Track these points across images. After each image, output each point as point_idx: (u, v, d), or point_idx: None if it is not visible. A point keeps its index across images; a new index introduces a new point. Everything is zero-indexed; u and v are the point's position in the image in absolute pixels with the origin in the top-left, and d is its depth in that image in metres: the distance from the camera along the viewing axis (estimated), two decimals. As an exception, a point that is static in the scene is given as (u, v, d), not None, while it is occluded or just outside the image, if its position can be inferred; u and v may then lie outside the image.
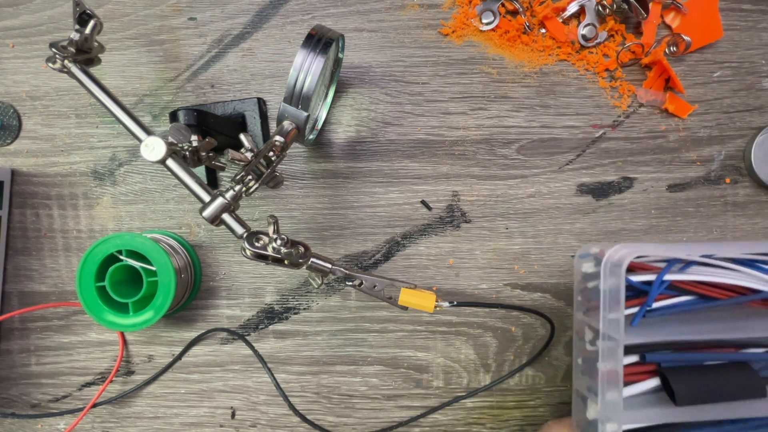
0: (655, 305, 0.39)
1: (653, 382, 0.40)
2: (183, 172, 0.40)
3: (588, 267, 0.42)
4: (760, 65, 0.50)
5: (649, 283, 0.39)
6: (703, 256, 0.39)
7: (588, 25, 0.50)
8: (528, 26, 0.50)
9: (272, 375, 0.50)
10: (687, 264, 0.39)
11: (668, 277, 0.39)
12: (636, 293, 0.40)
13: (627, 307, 0.38)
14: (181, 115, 0.45)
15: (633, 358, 0.40)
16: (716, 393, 0.38)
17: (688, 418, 0.38)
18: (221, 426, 0.51)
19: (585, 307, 0.43)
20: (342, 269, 0.41)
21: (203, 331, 0.51)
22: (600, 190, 0.51)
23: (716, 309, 0.41)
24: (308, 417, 0.50)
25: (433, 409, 0.50)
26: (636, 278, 0.39)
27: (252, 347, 0.51)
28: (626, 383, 0.39)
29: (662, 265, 0.40)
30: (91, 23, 0.43)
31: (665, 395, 0.39)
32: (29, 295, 0.52)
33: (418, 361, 0.51)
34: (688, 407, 0.38)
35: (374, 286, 0.41)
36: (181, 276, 0.47)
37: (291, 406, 0.50)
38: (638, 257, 0.40)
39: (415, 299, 0.41)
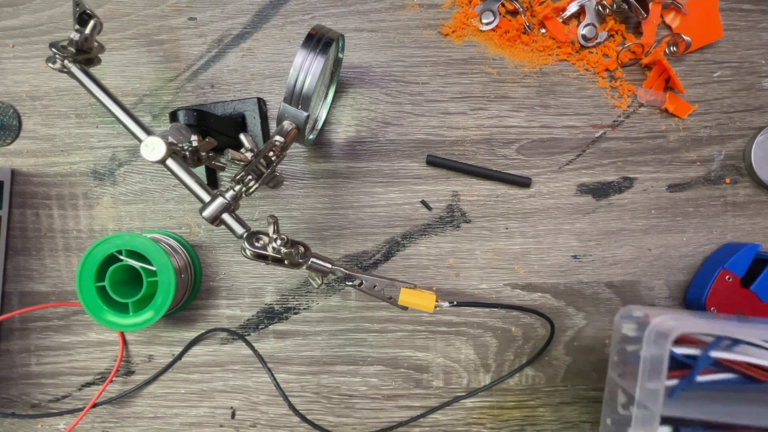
0: (697, 379, 0.38)
1: None
2: (183, 172, 0.40)
3: (629, 329, 0.40)
4: (760, 65, 0.50)
5: (693, 357, 0.37)
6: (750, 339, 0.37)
7: (588, 25, 0.50)
8: (528, 26, 0.50)
9: (272, 375, 0.50)
10: (735, 342, 0.38)
11: (714, 353, 0.37)
12: (677, 364, 0.38)
13: (668, 378, 0.36)
14: (181, 115, 0.45)
15: (666, 430, 0.38)
16: None
17: None
18: (221, 426, 0.51)
19: (621, 369, 0.41)
20: (342, 269, 0.41)
21: (203, 331, 0.51)
22: (600, 190, 0.51)
23: (760, 392, 0.39)
24: (308, 417, 0.50)
25: (433, 409, 0.50)
26: (680, 350, 0.37)
27: (252, 347, 0.51)
28: None
29: (707, 338, 0.38)
30: (91, 23, 0.43)
31: None
32: (29, 295, 0.52)
33: (418, 361, 0.51)
34: None
35: (374, 286, 0.41)
36: (181, 276, 0.47)
37: (291, 406, 0.50)
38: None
39: (415, 299, 0.41)
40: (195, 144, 0.41)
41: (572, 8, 0.50)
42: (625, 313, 0.42)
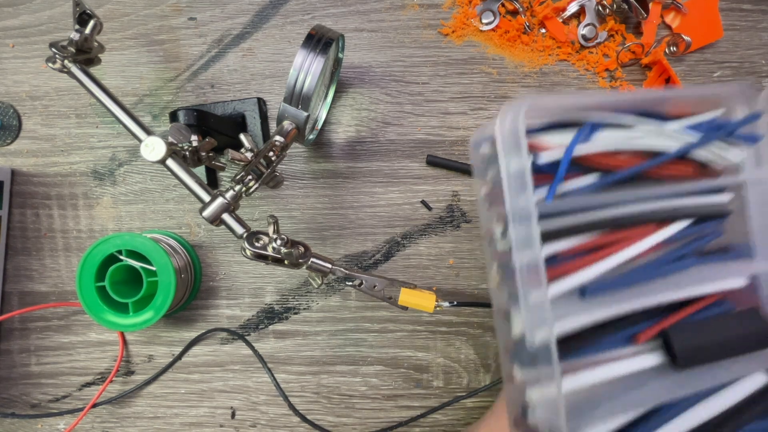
0: (563, 188, 0.32)
1: (583, 276, 0.32)
2: (183, 172, 0.40)
3: (486, 149, 0.34)
4: (760, 65, 0.50)
5: (555, 164, 0.32)
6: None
7: (588, 25, 0.50)
8: (528, 26, 0.50)
9: (272, 375, 0.50)
10: (590, 129, 0.32)
11: (578, 149, 0.32)
12: (542, 173, 0.32)
13: (535, 188, 0.30)
14: (181, 115, 0.45)
15: (551, 248, 0.33)
16: (722, 347, 0.32)
17: (630, 307, 0.32)
18: (221, 426, 0.51)
19: (488, 201, 0.35)
20: (342, 269, 0.41)
21: (203, 331, 0.51)
22: (600, 190, 0.50)
23: (629, 186, 0.34)
24: (308, 417, 0.50)
25: (434, 409, 0.50)
26: (542, 159, 0.32)
27: (252, 347, 0.51)
28: (552, 280, 0.32)
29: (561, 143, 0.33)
30: (91, 23, 0.43)
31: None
32: (29, 295, 0.52)
33: (418, 361, 0.51)
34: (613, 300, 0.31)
35: (374, 286, 0.41)
36: (181, 276, 0.47)
37: (291, 406, 0.50)
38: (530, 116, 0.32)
39: (415, 299, 0.41)
40: (195, 144, 0.41)
41: (572, 8, 0.50)
42: (477, 137, 0.35)
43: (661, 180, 0.34)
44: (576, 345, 0.32)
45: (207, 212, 0.38)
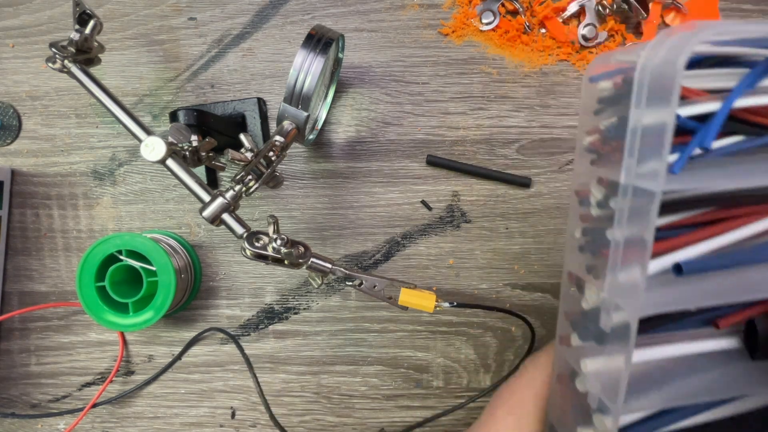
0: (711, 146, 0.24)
1: (683, 255, 0.25)
2: (183, 172, 0.40)
3: (608, 86, 0.26)
4: (760, 65, 0.50)
5: (699, 118, 0.23)
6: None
7: (588, 25, 0.50)
8: (528, 26, 0.50)
9: (256, 379, 0.50)
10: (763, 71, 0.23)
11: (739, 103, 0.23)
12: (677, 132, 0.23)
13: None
14: (181, 115, 0.45)
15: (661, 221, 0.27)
16: None
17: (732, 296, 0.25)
18: (221, 426, 0.51)
19: (592, 154, 0.28)
20: (342, 269, 0.41)
21: (200, 331, 0.51)
22: (600, 190, 0.50)
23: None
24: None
25: (445, 412, 0.50)
26: (685, 111, 0.23)
27: (241, 348, 0.51)
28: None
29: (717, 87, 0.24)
30: (91, 23, 0.43)
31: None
32: (29, 295, 0.52)
33: (418, 361, 0.51)
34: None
35: (374, 286, 0.41)
36: (181, 276, 0.47)
37: (271, 415, 0.50)
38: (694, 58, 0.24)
39: (415, 299, 0.41)
40: (195, 144, 0.41)
41: (572, 8, 0.50)
42: (597, 66, 0.26)
43: None
44: (648, 323, 0.28)
45: (207, 212, 0.38)
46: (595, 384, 0.26)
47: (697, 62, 0.25)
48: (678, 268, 0.24)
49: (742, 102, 0.23)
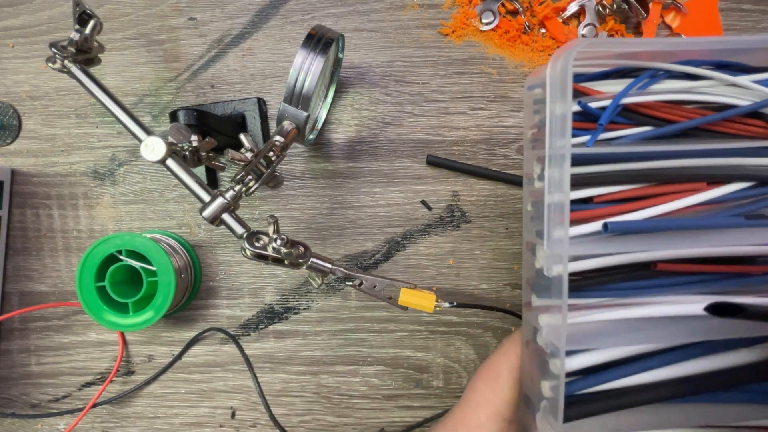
0: (609, 135, 0.33)
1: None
2: (183, 172, 0.40)
3: (538, 92, 0.34)
4: (760, 65, 0.50)
5: (602, 108, 0.32)
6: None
7: (588, 25, 0.50)
8: (528, 26, 0.50)
9: (256, 380, 0.50)
10: (647, 82, 0.33)
11: (627, 100, 0.32)
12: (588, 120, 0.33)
13: (575, 130, 0.32)
14: (181, 115, 0.45)
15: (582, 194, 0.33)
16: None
17: (653, 253, 0.32)
18: (221, 426, 0.51)
19: (533, 143, 0.36)
20: (342, 269, 0.41)
21: (201, 331, 0.51)
22: (600, 190, 0.50)
23: (686, 140, 0.33)
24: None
25: (444, 413, 0.50)
26: (591, 104, 0.32)
27: (241, 349, 0.51)
28: (581, 221, 0.32)
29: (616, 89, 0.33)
30: (91, 23, 0.43)
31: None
32: (29, 295, 0.52)
33: (418, 361, 0.51)
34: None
35: (374, 286, 0.41)
36: (181, 276, 0.47)
37: (270, 415, 0.50)
38: (582, 61, 0.34)
39: (415, 299, 0.41)
40: (195, 144, 0.41)
41: (572, 8, 0.50)
42: (533, 81, 0.35)
43: (725, 136, 0.33)
44: (602, 280, 0.33)
45: (207, 212, 0.38)
46: (549, 333, 0.31)
47: (607, 74, 0.34)
48: (605, 226, 0.31)
49: (634, 99, 0.32)
